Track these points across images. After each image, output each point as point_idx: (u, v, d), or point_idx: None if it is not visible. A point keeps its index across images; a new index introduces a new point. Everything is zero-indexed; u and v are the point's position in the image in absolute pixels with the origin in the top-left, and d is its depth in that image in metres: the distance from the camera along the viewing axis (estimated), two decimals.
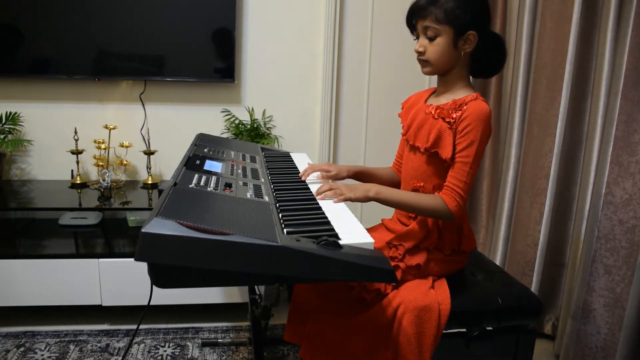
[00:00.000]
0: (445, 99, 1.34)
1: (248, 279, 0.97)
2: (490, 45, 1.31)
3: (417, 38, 1.33)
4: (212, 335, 2.04)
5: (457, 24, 1.25)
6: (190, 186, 1.15)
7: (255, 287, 1.80)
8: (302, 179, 1.47)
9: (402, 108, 1.51)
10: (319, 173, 1.50)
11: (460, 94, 1.32)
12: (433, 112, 1.32)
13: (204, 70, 2.35)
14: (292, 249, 0.91)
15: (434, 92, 1.43)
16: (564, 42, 1.87)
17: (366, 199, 1.29)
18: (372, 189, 1.29)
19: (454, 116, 1.27)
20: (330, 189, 1.30)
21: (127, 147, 2.38)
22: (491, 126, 1.28)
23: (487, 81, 2.28)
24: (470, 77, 1.39)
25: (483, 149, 1.27)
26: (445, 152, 1.28)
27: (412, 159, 1.40)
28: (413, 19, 1.32)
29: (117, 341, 1.98)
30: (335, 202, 1.26)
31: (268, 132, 2.50)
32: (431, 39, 1.28)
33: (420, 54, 1.32)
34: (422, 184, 1.36)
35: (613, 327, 1.70)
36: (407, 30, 1.36)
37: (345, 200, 1.27)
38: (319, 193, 1.30)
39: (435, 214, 1.28)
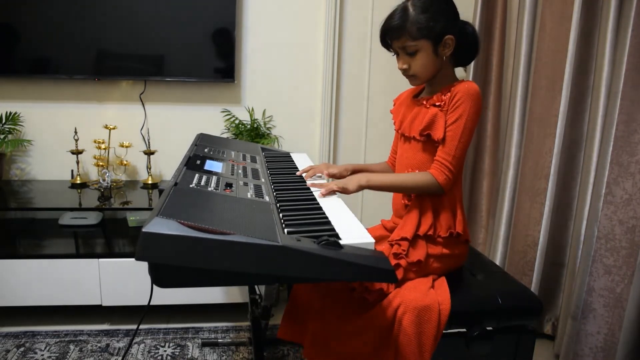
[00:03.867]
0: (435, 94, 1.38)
1: (248, 279, 0.97)
2: (465, 39, 1.35)
3: (395, 54, 1.36)
4: (212, 335, 2.04)
5: (433, 35, 1.28)
6: (191, 186, 1.15)
7: (255, 287, 1.80)
8: (305, 179, 1.48)
9: (394, 104, 1.55)
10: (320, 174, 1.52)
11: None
12: (425, 103, 1.37)
13: (204, 70, 2.35)
14: (292, 249, 0.90)
15: (423, 90, 1.46)
16: (564, 42, 1.88)
17: (359, 188, 1.33)
18: (363, 178, 1.34)
19: (444, 98, 1.31)
20: (321, 185, 1.35)
21: (127, 147, 2.38)
22: (481, 105, 1.32)
23: (487, 81, 2.28)
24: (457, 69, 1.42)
25: (472, 126, 1.30)
26: (438, 134, 1.31)
27: (406, 149, 1.43)
28: (387, 39, 1.34)
29: (117, 341, 1.98)
30: (322, 194, 1.30)
31: (268, 132, 2.50)
32: (412, 55, 1.31)
33: (405, 71, 1.35)
34: (416, 171, 1.38)
35: (613, 327, 1.70)
36: None
37: (333, 189, 1.32)
38: (313, 185, 1.37)
39: (425, 189, 1.32)
